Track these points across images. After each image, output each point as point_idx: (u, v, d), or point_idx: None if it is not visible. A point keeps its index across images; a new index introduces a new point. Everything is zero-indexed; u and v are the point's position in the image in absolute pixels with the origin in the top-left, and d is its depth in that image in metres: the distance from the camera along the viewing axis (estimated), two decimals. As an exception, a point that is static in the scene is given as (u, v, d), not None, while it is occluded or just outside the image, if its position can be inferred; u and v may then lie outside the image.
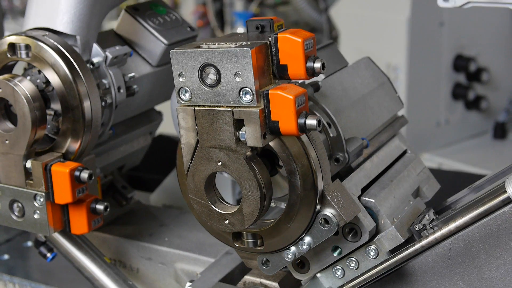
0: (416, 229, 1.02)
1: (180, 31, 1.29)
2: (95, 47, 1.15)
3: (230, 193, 1.41)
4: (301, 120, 0.88)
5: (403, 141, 1.19)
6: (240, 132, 0.90)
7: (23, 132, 1.07)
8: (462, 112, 2.96)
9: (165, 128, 1.59)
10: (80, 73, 1.09)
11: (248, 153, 0.91)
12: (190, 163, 0.95)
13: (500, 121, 2.87)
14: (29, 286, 1.38)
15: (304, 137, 0.92)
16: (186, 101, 0.92)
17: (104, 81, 1.15)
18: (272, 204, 1.03)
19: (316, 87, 1.08)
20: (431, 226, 1.03)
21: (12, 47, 1.10)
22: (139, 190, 1.64)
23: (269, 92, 0.88)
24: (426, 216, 1.05)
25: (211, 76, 0.90)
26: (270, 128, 0.89)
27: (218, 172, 0.94)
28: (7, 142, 1.09)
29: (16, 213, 1.13)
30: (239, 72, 0.88)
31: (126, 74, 1.19)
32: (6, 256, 1.49)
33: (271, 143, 0.92)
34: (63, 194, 1.08)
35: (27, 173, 1.10)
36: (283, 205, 1.01)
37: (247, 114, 0.89)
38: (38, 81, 1.11)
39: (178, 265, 1.24)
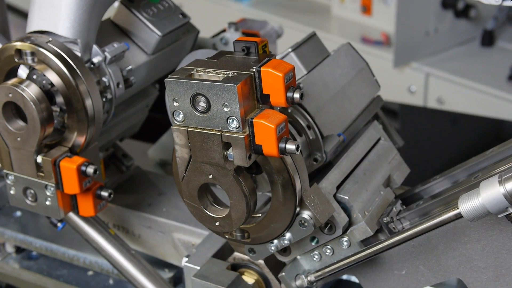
0: (385, 221, 1.16)
1: (172, 20, 1.37)
2: (95, 48, 1.24)
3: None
4: (282, 145, 1.00)
5: (377, 129, 1.31)
6: (228, 152, 1.02)
7: (33, 131, 1.19)
8: (451, 21, 3.04)
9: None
10: (81, 76, 1.19)
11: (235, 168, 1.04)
12: (185, 173, 1.07)
13: (488, 29, 2.96)
14: (41, 245, 1.54)
15: (285, 155, 1.04)
16: (180, 122, 1.04)
17: (104, 79, 1.25)
18: (259, 193, 1.17)
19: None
20: (397, 218, 1.18)
21: (19, 52, 1.19)
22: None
23: (254, 120, 0.99)
24: (394, 208, 1.19)
25: (202, 104, 1.01)
26: (254, 150, 1.01)
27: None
28: (19, 139, 1.21)
29: (30, 198, 1.27)
30: (226, 104, 0.99)
31: (124, 68, 1.29)
32: (18, 213, 1.64)
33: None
34: (71, 186, 1.21)
35: (38, 166, 1.22)
36: (269, 193, 1.15)
37: (234, 139, 1.00)
38: (44, 82, 1.21)
39: (175, 235, 1.39)
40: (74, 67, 1.18)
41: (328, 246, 1.17)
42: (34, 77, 1.22)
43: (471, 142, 2.20)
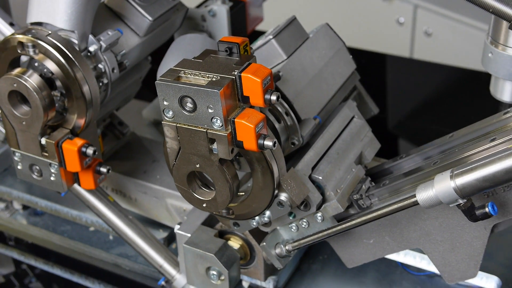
0: (355, 198, 1.30)
1: (162, 4, 1.47)
2: (91, 37, 1.34)
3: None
4: (260, 141, 1.12)
5: (351, 108, 1.43)
6: (213, 146, 1.15)
7: (36, 117, 1.31)
8: (441, -49, 3.09)
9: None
10: (78, 65, 1.29)
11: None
12: (175, 161, 1.20)
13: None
14: (46, 205, 1.68)
15: (264, 145, 1.17)
16: (170, 118, 1.16)
17: (100, 65, 1.36)
18: (243, 172, 1.30)
19: (277, 78, 1.30)
20: (366, 195, 1.31)
21: (22, 44, 1.30)
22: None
23: (235, 120, 1.11)
24: (363, 186, 1.32)
25: (189, 105, 1.13)
26: (236, 145, 1.14)
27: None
28: (24, 123, 1.33)
29: (36, 174, 1.40)
30: (211, 106, 1.11)
31: (118, 53, 1.40)
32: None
33: (238, 149, 1.17)
34: (73, 165, 1.34)
35: (42, 147, 1.35)
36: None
37: (218, 136, 1.13)
38: (45, 70, 1.32)
39: (168, 200, 1.53)
40: (72, 58, 1.29)
41: (304, 220, 1.31)
42: (36, 64, 1.33)
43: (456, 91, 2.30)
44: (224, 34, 1.68)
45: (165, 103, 1.14)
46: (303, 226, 1.32)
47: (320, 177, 1.28)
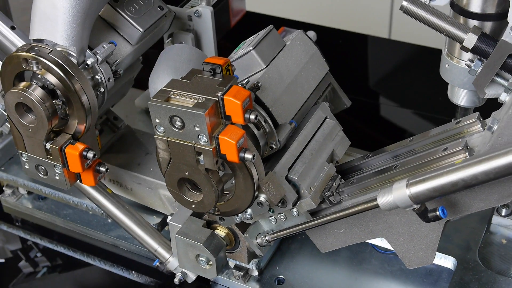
0: (326, 195, 1.47)
1: (152, 14, 1.61)
2: (88, 52, 1.49)
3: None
4: (241, 154, 1.28)
5: (324, 110, 1.58)
6: (200, 158, 1.30)
7: (41, 125, 1.46)
8: None
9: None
10: (77, 79, 1.43)
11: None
12: (166, 169, 1.36)
13: None
14: (49, 192, 1.85)
15: (245, 156, 1.33)
16: (161, 133, 1.31)
17: (97, 76, 1.50)
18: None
19: (256, 88, 1.45)
20: (337, 191, 1.48)
21: (26, 60, 1.44)
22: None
23: (219, 137, 1.27)
24: (334, 183, 1.49)
25: (178, 123, 1.28)
26: (220, 157, 1.30)
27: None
28: (30, 130, 1.48)
29: (42, 173, 1.56)
30: (197, 125, 1.26)
31: (112, 63, 1.54)
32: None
33: (222, 160, 1.33)
34: (75, 167, 1.50)
35: (47, 151, 1.50)
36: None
37: (204, 150, 1.29)
38: (48, 83, 1.46)
39: (160, 191, 1.70)
40: (71, 72, 1.43)
41: (282, 214, 1.48)
42: (39, 77, 1.47)
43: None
44: (209, 32, 1.81)
45: (157, 120, 1.30)
46: (281, 219, 1.49)
47: (296, 178, 1.44)
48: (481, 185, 1.19)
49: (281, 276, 1.66)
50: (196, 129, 1.26)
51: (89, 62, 1.48)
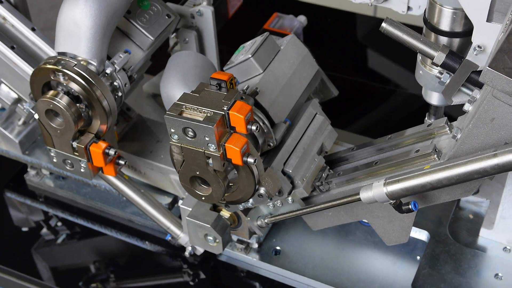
0: (317, 184, 1.71)
1: (161, 23, 1.81)
2: (107, 62, 1.69)
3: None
4: (245, 159, 1.51)
5: (314, 106, 1.80)
6: (209, 161, 1.53)
7: (69, 128, 1.68)
8: None
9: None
10: (98, 87, 1.65)
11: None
12: (180, 168, 1.59)
13: None
14: (70, 174, 2.07)
15: (247, 158, 1.56)
16: (176, 140, 1.53)
17: (115, 83, 1.71)
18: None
19: (255, 94, 1.67)
20: (326, 181, 1.72)
21: (53, 72, 1.65)
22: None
23: (225, 145, 1.50)
24: (323, 174, 1.72)
25: (190, 133, 1.50)
26: (226, 160, 1.53)
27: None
28: (58, 132, 1.70)
29: (68, 166, 1.79)
30: (207, 136, 1.48)
31: (128, 69, 1.75)
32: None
33: (227, 161, 1.56)
34: (98, 162, 1.72)
35: (74, 149, 1.73)
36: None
37: (213, 156, 1.51)
38: (72, 90, 1.68)
39: (171, 176, 1.93)
40: (93, 81, 1.64)
41: (279, 201, 1.72)
42: (65, 84, 1.68)
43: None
44: (210, 29, 2.01)
45: (172, 130, 1.52)
46: (278, 205, 1.73)
47: (290, 171, 1.68)
48: (446, 184, 1.43)
49: (277, 248, 1.91)
50: (206, 138, 1.49)
51: (108, 71, 1.69)
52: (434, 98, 1.71)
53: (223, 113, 1.48)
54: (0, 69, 1.88)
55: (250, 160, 1.50)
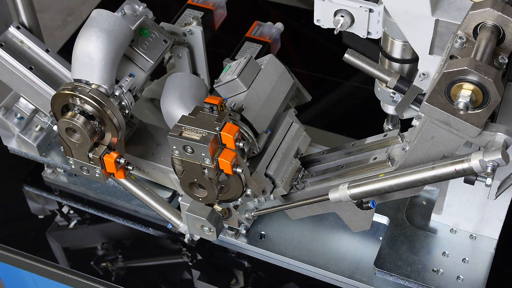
0: (294, 184, 2.05)
1: (159, 48, 2.11)
2: (115, 86, 2.01)
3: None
4: (234, 169, 1.84)
5: (291, 116, 2.13)
6: (205, 171, 1.87)
7: (86, 142, 2.00)
8: None
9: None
10: (109, 108, 1.97)
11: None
12: (181, 176, 1.93)
13: None
14: (84, 173, 2.40)
15: (236, 168, 1.89)
16: (177, 155, 1.87)
17: (123, 103, 2.03)
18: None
19: (241, 110, 2.00)
20: (301, 181, 2.06)
21: (72, 96, 1.97)
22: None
23: (218, 159, 1.83)
24: (299, 175, 2.07)
25: (189, 150, 1.83)
26: (219, 170, 1.87)
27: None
28: (77, 145, 2.03)
29: (85, 172, 2.12)
30: (203, 152, 1.82)
31: (133, 90, 2.07)
32: (62, 148, 2.47)
33: (220, 171, 1.90)
34: (111, 169, 2.06)
35: (89, 159, 2.06)
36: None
37: (208, 167, 1.85)
38: (88, 111, 2.00)
39: (171, 175, 2.25)
40: (104, 104, 1.96)
41: (263, 198, 2.07)
42: (81, 105, 2.00)
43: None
44: (200, 46, 2.32)
45: (174, 147, 1.85)
46: (262, 201, 2.08)
47: (272, 173, 2.02)
48: (397, 187, 1.78)
49: (262, 232, 2.25)
50: (202, 154, 1.82)
51: (117, 93, 2.01)
52: (390, 109, 2.05)
53: (216, 133, 1.82)
54: (20, 86, 2.20)
55: (239, 170, 1.84)
